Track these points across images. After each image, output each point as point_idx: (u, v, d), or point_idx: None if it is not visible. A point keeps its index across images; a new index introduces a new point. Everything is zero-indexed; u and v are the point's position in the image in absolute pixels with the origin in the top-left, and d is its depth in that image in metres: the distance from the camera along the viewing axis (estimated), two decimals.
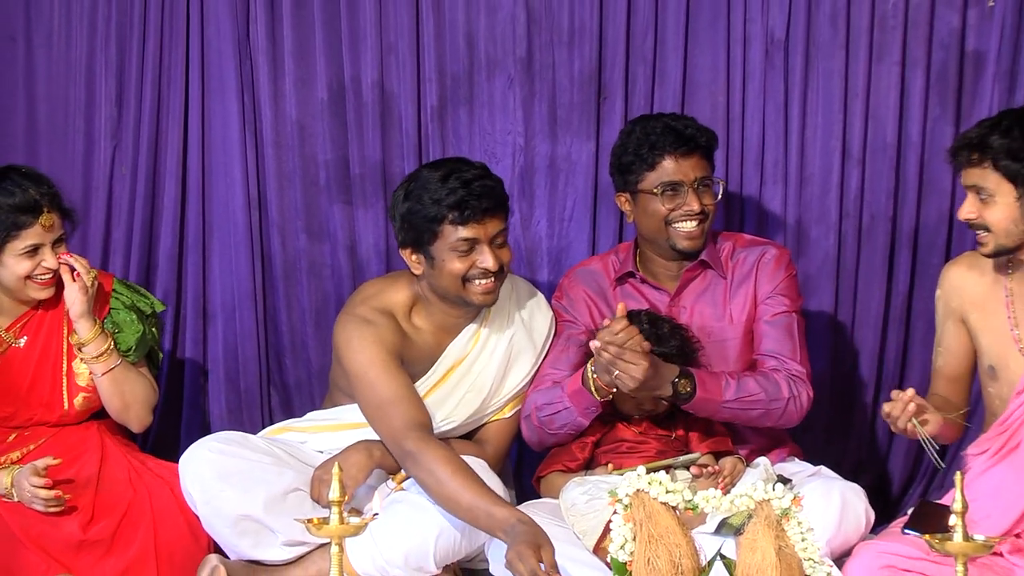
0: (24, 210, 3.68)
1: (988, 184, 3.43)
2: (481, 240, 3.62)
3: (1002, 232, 3.45)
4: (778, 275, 3.84)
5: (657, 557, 2.83)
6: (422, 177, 3.67)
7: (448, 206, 3.57)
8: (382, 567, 3.54)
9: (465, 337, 3.82)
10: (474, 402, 3.82)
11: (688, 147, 3.75)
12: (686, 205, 3.75)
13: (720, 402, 3.62)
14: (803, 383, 3.72)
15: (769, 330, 3.79)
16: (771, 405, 3.67)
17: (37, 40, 4.52)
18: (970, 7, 4.26)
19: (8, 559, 3.50)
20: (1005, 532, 3.37)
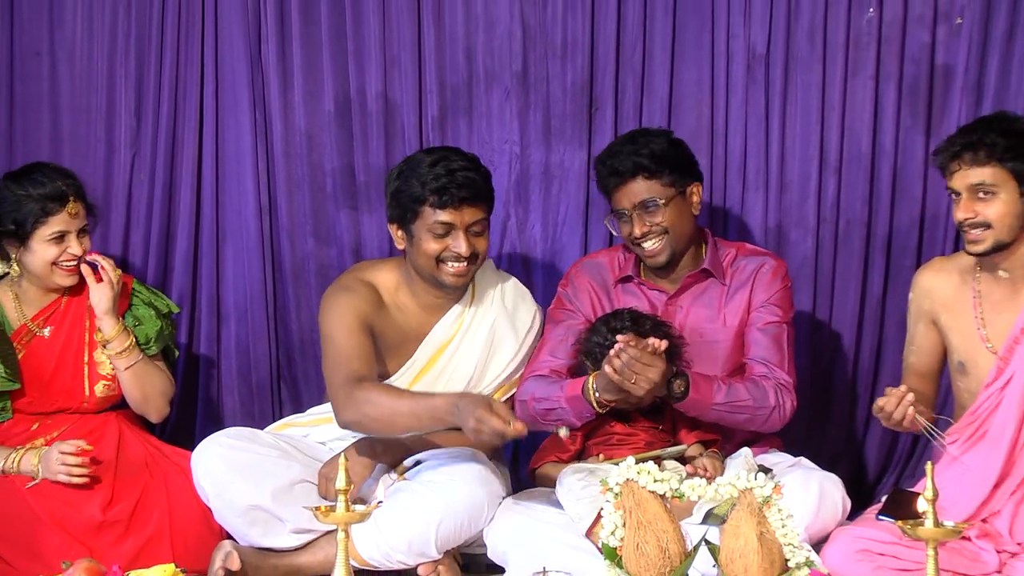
0: (51, 199, 3.73)
1: (993, 180, 3.43)
2: (457, 226, 3.66)
3: (1003, 228, 3.46)
4: (774, 286, 3.83)
5: (645, 542, 2.84)
6: (415, 159, 3.75)
7: (431, 190, 3.64)
8: (386, 553, 3.55)
9: (450, 319, 3.83)
10: (460, 388, 3.79)
11: (620, 176, 3.74)
12: (633, 232, 3.76)
13: (710, 404, 3.61)
14: (788, 392, 3.71)
15: (760, 338, 3.78)
16: (757, 412, 3.66)
17: (61, 55, 4.52)
18: (939, 24, 4.26)
19: (31, 540, 3.52)
20: (972, 516, 3.39)
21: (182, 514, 3.63)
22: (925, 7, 4.25)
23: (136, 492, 3.64)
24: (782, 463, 3.73)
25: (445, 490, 3.56)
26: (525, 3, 4.41)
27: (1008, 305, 3.54)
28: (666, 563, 2.83)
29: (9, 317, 3.85)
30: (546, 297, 4.34)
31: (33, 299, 3.87)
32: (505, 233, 4.46)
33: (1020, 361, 3.45)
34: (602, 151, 3.86)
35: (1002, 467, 3.41)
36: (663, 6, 4.36)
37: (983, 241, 3.48)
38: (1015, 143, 3.43)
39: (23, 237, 3.75)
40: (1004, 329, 3.52)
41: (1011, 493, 3.42)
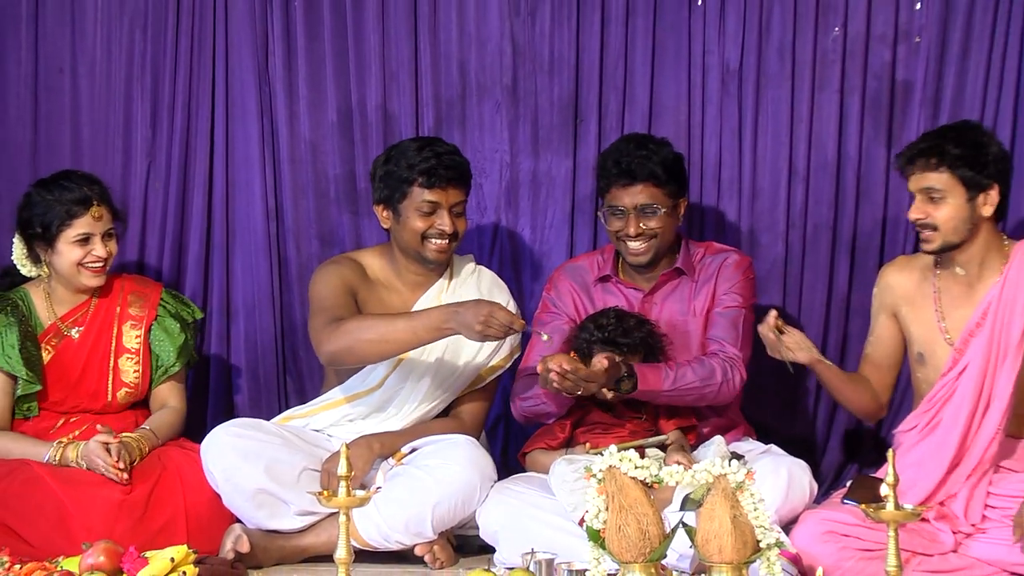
0: (76, 203, 3.74)
1: (942, 185, 3.45)
2: (442, 205, 3.74)
3: (950, 230, 3.48)
4: (736, 276, 3.86)
5: (627, 525, 2.84)
6: (402, 146, 3.84)
7: (420, 171, 3.72)
8: (385, 534, 3.56)
9: (431, 296, 3.86)
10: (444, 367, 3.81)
11: (631, 177, 3.76)
12: (626, 229, 3.78)
13: (659, 391, 3.65)
14: (737, 366, 3.74)
15: (718, 319, 3.82)
16: (705, 388, 3.69)
17: (82, 71, 4.50)
18: (899, 42, 4.26)
19: (54, 523, 3.52)
20: (930, 499, 3.40)
21: (195, 500, 3.63)
22: (886, 27, 4.26)
23: (152, 480, 3.63)
24: (754, 450, 3.74)
25: (440, 474, 3.58)
26: (515, 22, 4.41)
27: (965, 301, 3.56)
28: (646, 544, 2.83)
29: (40, 315, 3.84)
30: (533, 294, 4.38)
31: (63, 299, 3.86)
32: (496, 236, 4.46)
33: (975, 352, 3.46)
34: (608, 150, 3.88)
35: (956, 453, 3.43)
36: (644, 25, 4.36)
37: (932, 241, 3.50)
38: (966, 153, 3.45)
39: (50, 239, 3.75)
40: (961, 323, 3.53)
41: (966, 477, 3.44)
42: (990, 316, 3.47)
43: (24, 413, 3.81)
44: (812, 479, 3.53)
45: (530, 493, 3.58)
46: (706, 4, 4.33)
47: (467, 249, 4.41)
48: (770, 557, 2.81)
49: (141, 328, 3.88)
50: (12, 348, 3.73)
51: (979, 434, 3.44)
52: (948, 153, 3.44)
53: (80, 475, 3.61)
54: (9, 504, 3.52)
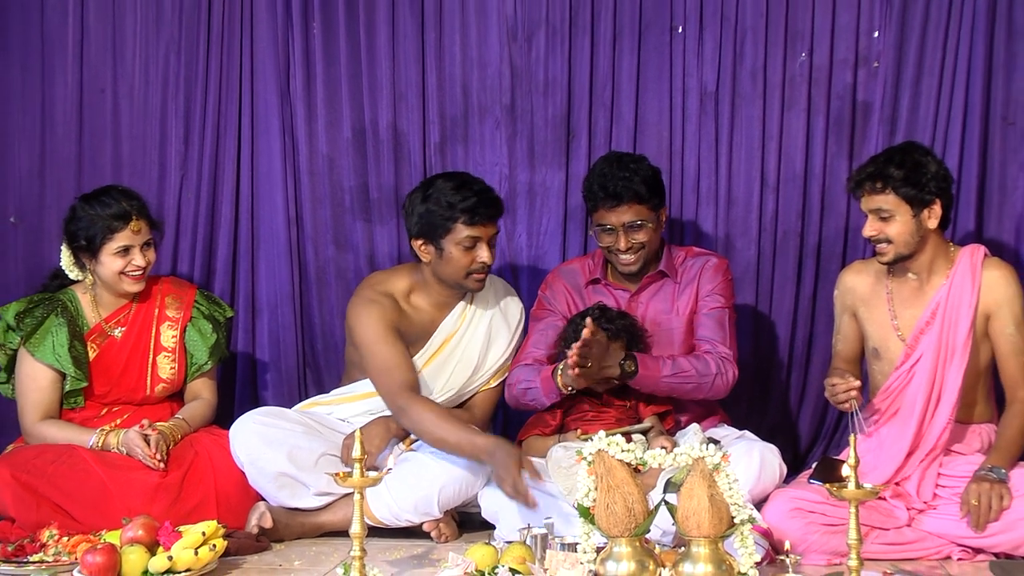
0: (116, 218, 3.73)
1: (890, 206, 3.47)
2: (482, 239, 3.69)
3: (901, 243, 3.49)
4: (716, 278, 3.86)
5: (614, 503, 2.85)
6: (437, 185, 3.72)
7: (462, 210, 3.65)
8: (396, 513, 3.57)
9: (455, 316, 3.85)
10: (465, 372, 3.83)
11: (617, 199, 3.75)
12: (617, 245, 3.79)
13: (658, 377, 3.65)
14: (730, 363, 3.74)
15: (706, 320, 3.81)
16: (701, 380, 3.69)
17: (121, 91, 4.51)
18: (860, 67, 4.25)
19: (97, 501, 3.53)
20: (887, 480, 3.42)
21: (224, 482, 3.64)
22: (848, 53, 4.26)
23: (186, 464, 3.64)
24: (729, 435, 3.75)
25: (446, 459, 3.58)
26: (513, 47, 4.41)
27: (915, 301, 3.58)
28: (632, 520, 2.85)
29: (86, 316, 3.84)
30: (530, 294, 4.36)
31: (107, 302, 3.86)
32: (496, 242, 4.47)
33: (926, 347, 3.49)
34: (592, 173, 3.85)
35: (913, 439, 3.45)
36: (629, 50, 4.36)
37: (887, 253, 3.52)
38: (908, 175, 3.46)
39: (94, 251, 3.75)
40: (912, 321, 3.55)
41: (920, 460, 3.46)
42: (939, 315, 3.49)
43: (71, 404, 3.81)
44: (781, 461, 3.53)
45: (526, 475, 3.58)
46: (686, 32, 4.33)
47: None
48: (744, 532, 2.83)
49: (177, 328, 3.89)
50: (62, 347, 3.73)
51: (933, 422, 3.46)
52: (891, 176, 3.46)
53: (121, 460, 3.63)
54: (58, 484, 3.54)
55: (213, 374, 3.98)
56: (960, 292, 3.49)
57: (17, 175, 4.54)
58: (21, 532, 3.45)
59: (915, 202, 3.46)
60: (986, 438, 3.56)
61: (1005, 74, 4.19)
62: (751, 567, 2.82)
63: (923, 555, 3.38)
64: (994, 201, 4.23)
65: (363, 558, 2.87)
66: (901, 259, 3.52)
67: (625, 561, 2.83)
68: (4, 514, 3.55)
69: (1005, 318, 3.51)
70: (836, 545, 3.26)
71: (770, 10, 4.29)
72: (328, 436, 3.72)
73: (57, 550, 3.30)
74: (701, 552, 2.79)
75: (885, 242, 3.50)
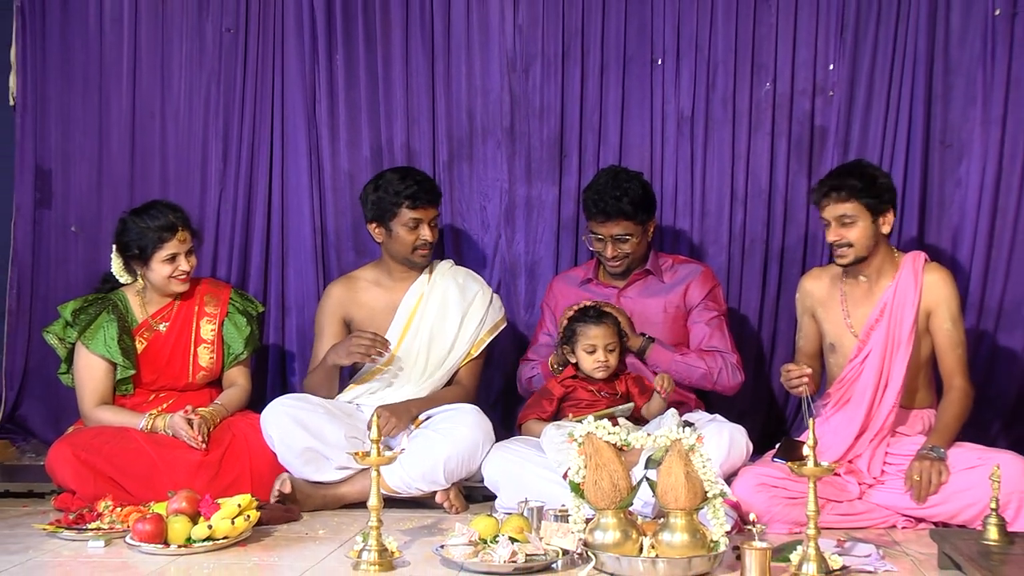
0: (165, 229, 3.73)
1: (852, 212, 3.47)
2: (424, 221, 3.81)
3: (860, 247, 3.50)
4: (706, 285, 3.91)
5: (601, 479, 2.86)
6: (386, 177, 3.89)
7: (405, 196, 3.79)
8: (407, 482, 3.58)
9: (415, 292, 3.92)
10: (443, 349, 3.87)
11: (606, 216, 3.79)
12: (604, 252, 3.83)
13: (671, 357, 3.76)
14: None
15: (708, 330, 3.85)
16: (711, 370, 3.78)
17: (168, 115, 4.50)
18: (817, 96, 4.27)
19: (147, 477, 3.54)
20: (841, 458, 3.43)
21: (258, 461, 3.64)
22: (807, 83, 4.27)
23: (224, 445, 3.64)
24: (703, 419, 3.72)
25: (450, 434, 3.60)
26: (512, 77, 4.41)
27: (865, 301, 3.58)
28: (617, 495, 2.86)
29: (135, 313, 3.84)
30: (527, 294, 4.40)
31: (153, 301, 3.85)
32: (497, 249, 4.45)
33: (875, 342, 3.49)
34: (590, 186, 3.88)
35: (863, 422, 3.46)
36: (615, 80, 4.37)
37: (847, 256, 3.52)
38: (866, 185, 3.48)
39: (145, 259, 3.74)
40: (863, 319, 3.56)
41: (870, 441, 3.47)
42: (887, 313, 3.50)
43: (123, 391, 3.81)
44: (748, 441, 3.53)
45: (525, 451, 3.60)
46: (665, 64, 4.34)
47: (474, 258, 4.45)
48: (715, 504, 2.85)
49: (215, 323, 3.88)
50: (113, 341, 3.73)
51: (880, 407, 3.47)
52: (853, 187, 3.47)
53: (167, 440, 3.63)
54: (113, 462, 3.55)
55: (248, 363, 3.98)
56: (905, 293, 3.50)
57: (78, 189, 4.54)
58: (81, 503, 3.47)
59: (873, 209, 3.47)
60: (927, 421, 3.57)
61: (943, 103, 4.21)
62: (722, 535, 2.84)
63: (872, 524, 3.40)
64: (933, 213, 4.25)
65: (379, 527, 2.89)
66: (859, 261, 3.53)
67: (611, 531, 2.85)
68: (66, 487, 3.58)
69: (943, 315, 3.52)
70: (797, 516, 3.27)
71: (739, 45, 4.31)
72: (344, 418, 3.72)
73: (112, 519, 3.31)
74: (678, 523, 2.81)
75: (846, 246, 3.50)
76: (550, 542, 2.91)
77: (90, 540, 3.19)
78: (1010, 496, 3.19)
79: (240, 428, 3.71)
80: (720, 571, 2.85)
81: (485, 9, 4.42)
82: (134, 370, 3.79)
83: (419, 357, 3.86)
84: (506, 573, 2.84)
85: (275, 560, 3.05)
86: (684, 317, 3.91)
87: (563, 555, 2.89)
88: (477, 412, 3.69)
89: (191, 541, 3.10)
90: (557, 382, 3.74)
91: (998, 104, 4.15)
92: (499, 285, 4.42)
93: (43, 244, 4.55)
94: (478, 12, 4.42)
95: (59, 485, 3.62)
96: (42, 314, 4.45)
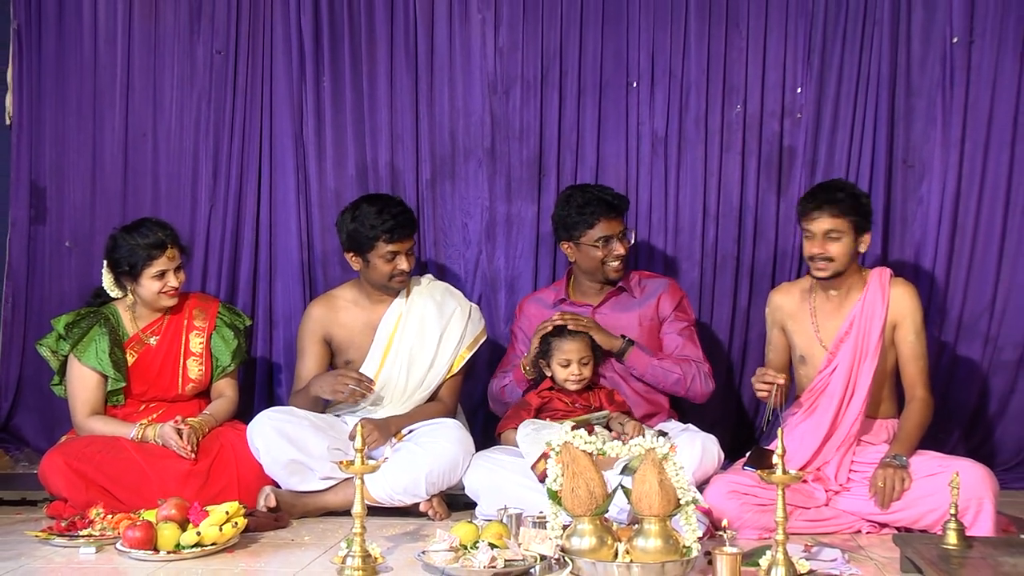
0: (155, 247, 3.70)
1: (840, 228, 3.49)
2: (400, 252, 3.75)
3: (840, 262, 3.52)
4: (675, 297, 3.92)
5: (578, 487, 2.86)
6: (363, 209, 3.80)
7: (383, 231, 3.72)
8: (389, 494, 3.56)
9: (393, 313, 3.87)
10: (423, 367, 3.83)
11: (615, 212, 3.81)
12: (616, 251, 3.82)
13: (648, 361, 3.75)
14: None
15: (679, 340, 3.86)
16: (684, 376, 3.76)
17: (160, 135, 4.49)
18: (786, 118, 4.30)
19: (138, 485, 3.52)
20: (808, 466, 3.43)
21: (245, 470, 3.62)
22: (776, 105, 4.30)
23: (212, 455, 3.62)
24: (676, 428, 3.74)
25: (431, 449, 3.59)
26: (493, 99, 4.42)
27: (835, 315, 3.59)
28: (593, 502, 2.86)
29: (126, 326, 3.81)
30: (507, 308, 4.40)
31: (143, 315, 3.83)
32: (478, 263, 4.45)
33: (843, 355, 3.50)
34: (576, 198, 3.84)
35: (828, 431, 3.47)
36: (592, 102, 4.38)
37: (826, 270, 3.53)
38: (856, 204, 3.50)
39: (135, 275, 3.72)
40: (832, 332, 3.57)
41: (836, 448, 3.48)
42: (855, 326, 3.51)
43: (114, 402, 3.78)
44: (720, 450, 3.54)
45: (504, 459, 3.59)
46: (640, 87, 4.36)
47: (456, 273, 4.45)
48: (688, 511, 2.85)
49: (203, 336, 3.85)
50: (104, 354, 3.71)
51: (846, 416, 3.48)
52: (845, 204, 3.49)
53: (157, 450, 3.61)
54: (104, 471, 3.52)
55: (235, 375, 3.95)
56: (873, 306, 3.52)
57: (72, 206, 4.52)
58: (73, 510, 3.45)
59: (858, 227, 3.50)
60: (891, 430, 3.58)
61: (905, 125, 4.26)
62: (694, 541, 2.84)
63: (838, 530, 3.41)
64: (897, 230, 4.28)
65: (363, 534, 2.87)
66: (836, 276, 3.53)
67: (587, 537, 2.85)
68: (58, 495, 3.55)
69: (908, 328, 3.54)
70: (766, 522, 3.27)
71: (711, 69, 4.33)
72: (328, 431, 3.69)
73: (103, 526, 3.29)
74: (652, 528, 2.81)
75: (827, 260, 3.51)
76: (528, 548, 2.91)
77: (82, 547, 3.18)
78: (968, 502, 3.20)
79: (228, 438, 3.69)
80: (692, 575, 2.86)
81: (467, 34, 4.43)
82: (124, 382, 3.76)
83: (399, 379, 3.83)
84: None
85: (262, 566, 3.03)
86: (658, 329, 3.92)
87: (541, 560, 2.88)
88: (458, 427, 3.68)
89: (180, 547, 3.08)
90: (535, 394, 3.74)
91: (957, 126, 4.20)
92: (480, 299, 4.42)
93: (37, 259, 4.53)
94: (460, 37, 4.43)
95: (52, 493, 3.60)
96: (36, 326, 4.43)
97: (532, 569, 2.88)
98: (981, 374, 4.24)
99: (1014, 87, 4.18)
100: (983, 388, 4.25)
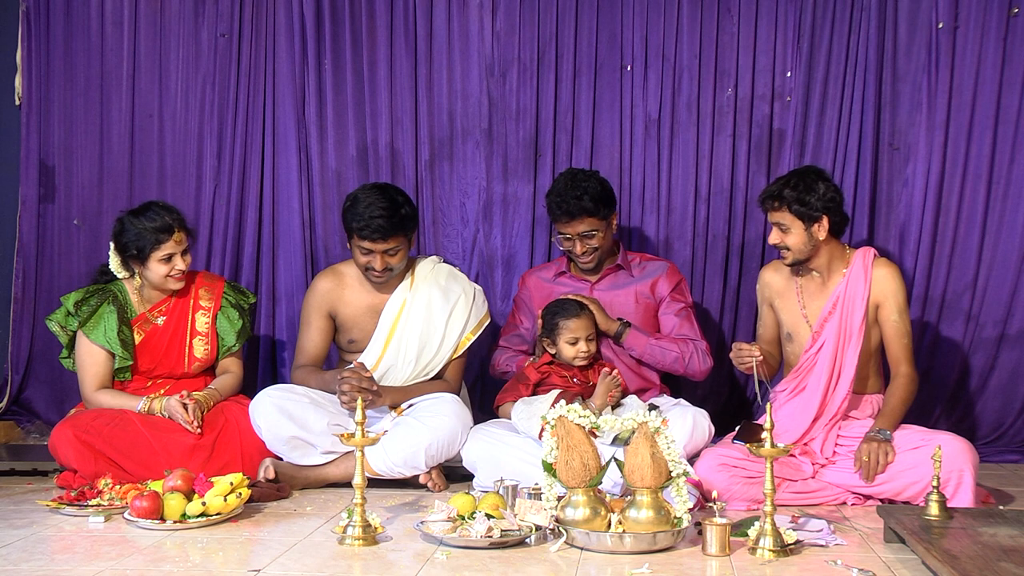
0: (162, 230, 3.66)
1: (786, 221, 3.49)
2: (375, 252, 3.66)
3: (797, 251, 3.52)
4: (673, 279, 3.90)
5: (573, 460, 2.86)
6: (358, 198, 3.70)
7: (356, 228, 3.64)
8: (389, 466, 3.55)
9: (397, 299, 3.81)
10: (431, 351, 3.78)
11: (570, 216, 3.75)
12: (574, 250, 3.81)
13: (646, 340, 3.73)
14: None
15: (678, 320, 3.83)
16: (682, 354, 3.74)
17: (166, 116, 4.47)
18: (775, 101, 4.28)
19: (145, 457, 3.52)
20: (797, 440, 3.44)
21: (249, 443, 3.61)
22: (766, 89, 4.28)
23: (217, 428, 3.61)
24: (668, 403, 3.74)
25: (431, 423, 3.57)
26: (490, 81, 4.40)
27: (819, 294, 3.59)
28: (587, 474, 2.86)
29: (134, 306, 3.78)
30: (504, 286, 4.39)
31: (150, 296, 3.79)
32: (475, 242, 4.44)
33: (828, 333, 3.50)
34: (551, 190, 3.83)
35: (818, 407, 3.47)
36: (587, 85, 4.36)
37: (787, 258, 3.55)
38: (799, 196, 3.46)
39: (143, 259, 3.68)
40: (817, 311, 3.56)
41: (824, 425, 3.48)
42: (839, 305, 3.51)
43: (122, 378, 3.76)
44: (710, 423, 3.54)
45: (501, 433, 3.59)
46: (633, 70, 4.34)
47: (453, 252, 4.43)
48: (679, 483, 2.85)
49: (209, 316, 3.82)
50: (112, 332, 3.69)
51: (835, 394, 3.48)
52: (785, 197, 3.47)
53: (163, 423, 3.60)
54: (112, 443, 3.52)
55: (240, 353, 3.93)
56: (855, 286, 3.51)
57: (80, 185, 4.50)
58: (82, 481, 3.45)
59: (805, 218, 3.47)
60: (876, 406, 3.58)
61: (891, 109, 4.23)
62: (685, 512, 2.85)
63: (824, 501, 3.41)
64: (882, 211, 4.27)
65: (363, 504, 2.88)
66: (799, 263, 3.54)
67: (581, 508, 2.85)
68: (68, 466, 3.54)
69: (891, 307, 3.53)
70: (754, 494, 3.29)
71: (702, 53, 4.31)
72: (328, 407, 3.65)
73: (111, 496, 3.29)
74: (644, 500, 2.82)
75: (785, 249, 3.52)
76: (524, 518, 2.91)
77: (90, 516, 3.18)
78: (950, 474, 3.21)
79: (232, 412, 3.69)
80: (683, 545, 2.86)
81: (465, 18, 4.40)
82: (131, 360, 3.74)
83: (403, 365, 3.78)
84: (482, 547, 2.83)
85: (265, 535, 3.03)
86: (654, 308, 3.90)
87: (536, 531, 2.89)
88: (457, 401, 3.67)
89: (186, 517, 3.08)
90: (534, 368, 3.72)
91: (942, 110, 4.18)
92: (477, 277, 4.41)
93: (47, 236, 4.51)
94: (458, 20, 4.40)
95: (61, 464, 3.59)
96: (46, 302, 4.43)
97: (527, 539, 2.89)
98: (963, 352, 4.24)
99: (997, 72, 4.16)
100: (964, 365, 4.25)
